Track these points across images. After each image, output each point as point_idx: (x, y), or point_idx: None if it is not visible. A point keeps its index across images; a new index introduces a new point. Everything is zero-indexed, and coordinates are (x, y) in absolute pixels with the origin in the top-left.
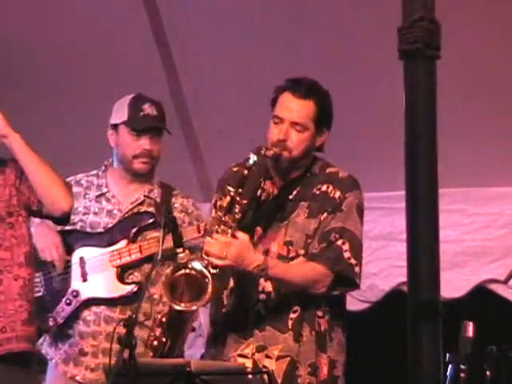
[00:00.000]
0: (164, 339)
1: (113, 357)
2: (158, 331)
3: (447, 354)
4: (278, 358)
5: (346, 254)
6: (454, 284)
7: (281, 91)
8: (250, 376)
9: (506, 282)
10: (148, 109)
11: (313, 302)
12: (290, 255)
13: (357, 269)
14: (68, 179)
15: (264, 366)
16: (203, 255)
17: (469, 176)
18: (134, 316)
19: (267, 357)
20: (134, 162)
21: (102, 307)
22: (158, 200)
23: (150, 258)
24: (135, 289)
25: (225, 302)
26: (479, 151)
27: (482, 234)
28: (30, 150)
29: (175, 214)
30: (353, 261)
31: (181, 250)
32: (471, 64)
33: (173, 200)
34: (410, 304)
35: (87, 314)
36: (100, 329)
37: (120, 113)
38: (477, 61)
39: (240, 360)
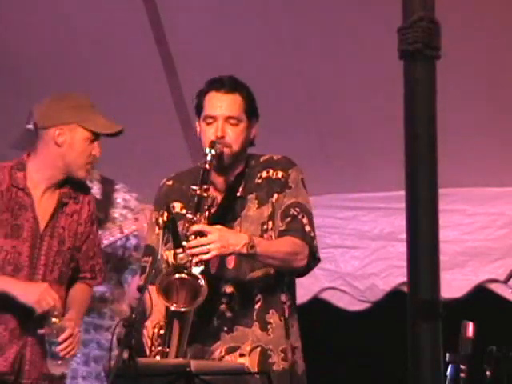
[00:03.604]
0: (167, 349)
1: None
2: (158, 346)
3: (447, 354)
4: (250, 351)
5: (307, 228)
6: (453, 284)
7: (204, 94)
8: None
9: (506, 281)
10: None
11: (275, 289)
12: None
13: (315, 242)
14: None
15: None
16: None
17: (469, 176)
18: (133, 316)
19: (241, 355)
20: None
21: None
22: (98, 196)
23: None
24: None
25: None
26: (479, 151)
27: (482, 234)
28: (81, 315)
29: (118, 210)
30: (312, 234)
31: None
32: (471, 64)
33: (114, 195)
34: (410, 304)
35: None
36: (90, 336)
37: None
38: (477, 61)
39: None
